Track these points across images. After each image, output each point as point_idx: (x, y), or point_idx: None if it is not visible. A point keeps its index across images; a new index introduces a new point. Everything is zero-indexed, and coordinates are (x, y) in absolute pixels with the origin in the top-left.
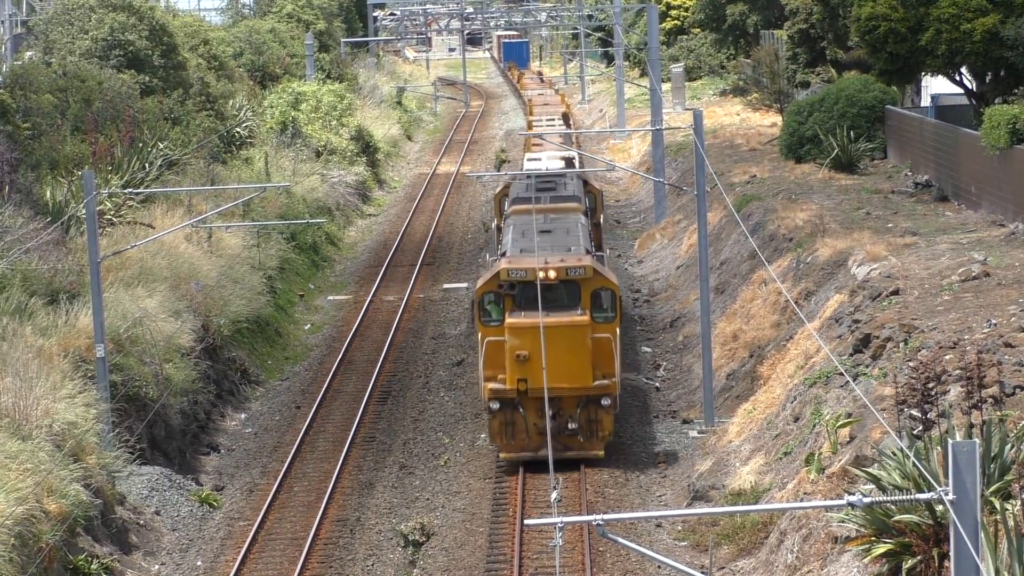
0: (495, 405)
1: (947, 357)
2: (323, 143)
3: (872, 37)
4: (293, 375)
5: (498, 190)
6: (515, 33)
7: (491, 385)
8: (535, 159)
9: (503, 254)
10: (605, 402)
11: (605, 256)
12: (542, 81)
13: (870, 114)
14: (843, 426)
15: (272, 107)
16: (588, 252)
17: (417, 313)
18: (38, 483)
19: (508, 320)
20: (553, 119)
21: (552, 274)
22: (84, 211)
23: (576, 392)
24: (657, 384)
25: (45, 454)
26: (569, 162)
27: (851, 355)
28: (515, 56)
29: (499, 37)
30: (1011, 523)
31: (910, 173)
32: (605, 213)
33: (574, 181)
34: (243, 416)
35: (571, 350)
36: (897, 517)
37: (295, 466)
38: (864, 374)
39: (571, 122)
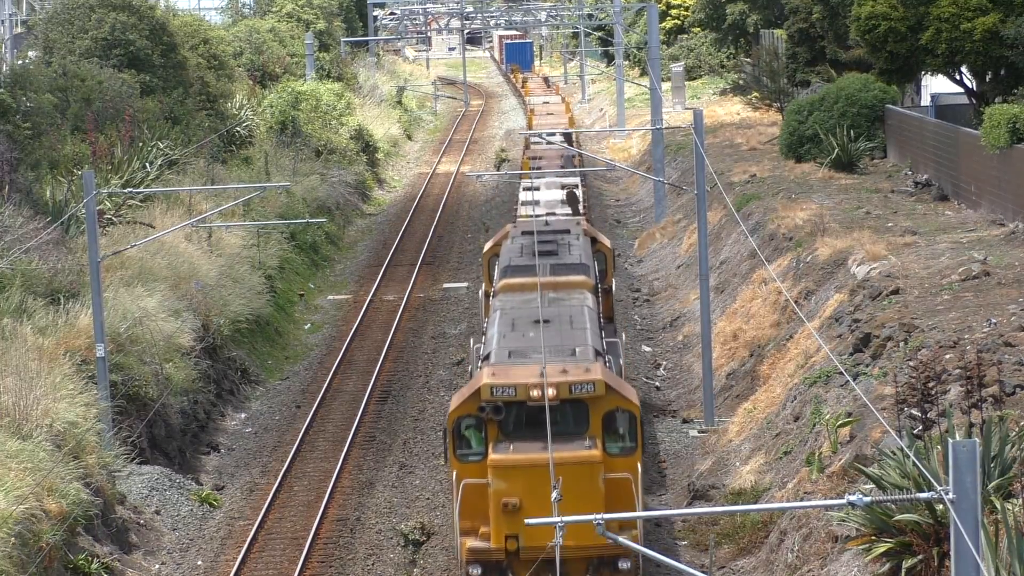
0: (476, 570)
1: (947, 356)
2: (323, 143)
3: (872, 36)
4: (293, 375)
5: (488, 246)
6: (517, 33)
7: (470, 543)
8: (532, 191)
9: (486, 357)
10: (623, 565)
11: (620, 343)
12: (548, 86)
13: (870, 113)
14: (843, 425)
15: (272, 107)
16: (599, 354)
17: (417, 313)
18: (38, 483)
19: (492, 456)
20: (554, 134)
21: (551, 392)
22: (84, 211)
23: (584, 553)
24: (657, 384)
25: (45, 453)
26: (572, 196)
27: (851, 354)
28: (518, 58)
29: (500, 38)
30: (1011, 522)
31: (910, 172)
32: (616, 273)
33: (580, 240)
34: (243, 416)
35: (578, 496)
36: (897, 516)
37: (295, 465)
38: (864, 373)
39: (575, 138)
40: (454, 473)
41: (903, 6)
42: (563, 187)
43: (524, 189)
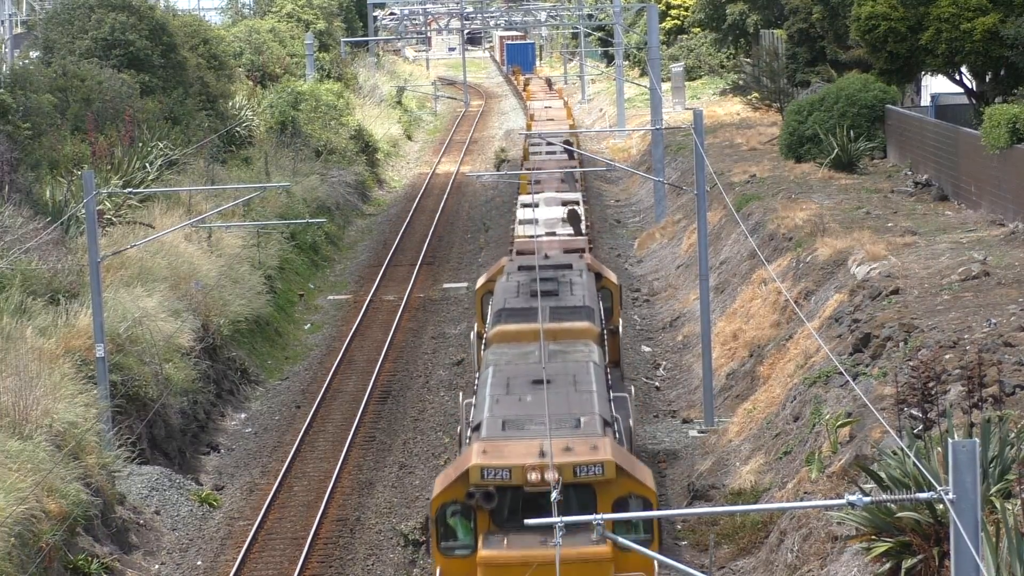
0: None
1: (947, 356)
2: (323, 143)
3: (872, 36)
4: (293, 375)
5: (480, 282)
6: (519, 34)
7: None
8: (531, 207)
9: (476, 427)
10: None
11: (629, 398)
12: (551, 89)
13: (870, 113)
14: (843, 425)
15: (272, 107)
16: (607, 424)
17: (417, 313)
18: (38, 483)
19: (483, 552)
20: (554, 147)
21: (552, 475)
22: (84, 211)
23: None
24: (657, 384)
25: (45, 454)
26: (573, 214)
27: (851, 354)
28: (520, 59)
29: (501, 39)
30: (1011, 522)
31: (910, 172)
32: (623, 306)
33: (583, 277)
34: (243, 416)
35: None
36: (897, 515)
37: (295, 466)
38: (864, 373)
39: (576, 148)
40: (438, 569)
41: (903, 6)
42: (564, 203)
43: (522, 206)
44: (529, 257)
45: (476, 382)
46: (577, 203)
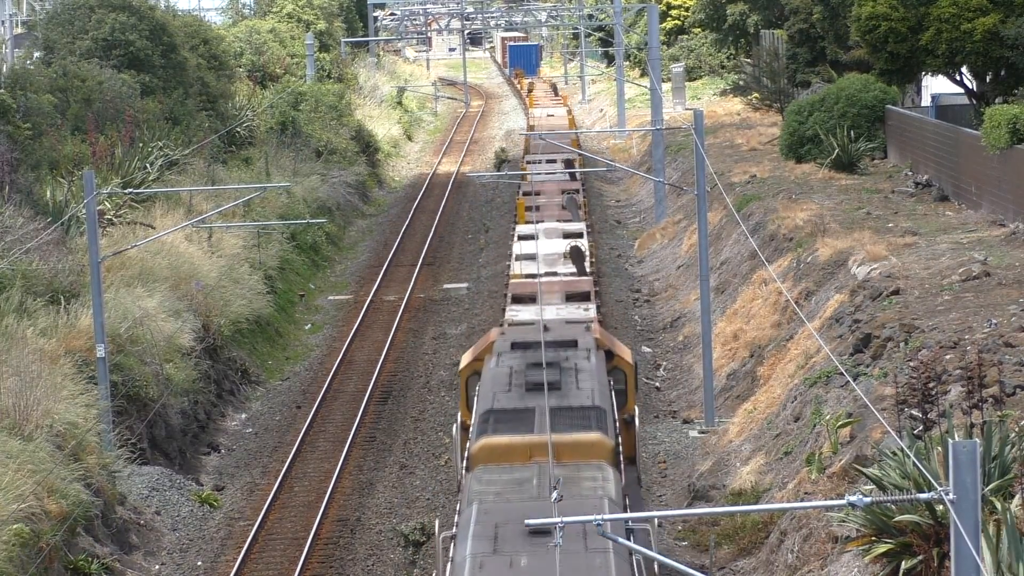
0: None
1: (947, 357)
2: (323, 143)
3: (872, 37)
4: (293, 375)
5: (466, 359)
6: (521, 35)
7: None
8: (528, 239)
9: None
10: None
11: (651, 530)
12: (556, 95)
13: (870, 114)
14: (843, 426)
15: (273, 107)
16: None
17: (417, 313)
18: (38, 483)
19: None
20: (554, 163)
21: None
22: (84, 211)
23: None
24: (657, 384)
25: (45, 454)
26: (577, 252)
27: (851, 355)
28: (523, 61)
29: (503, 40)
30: (1011, 523)
31: (910, 173)
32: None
33: (592, 360)
34: (243, 416)
35: None
36: (897, 517)
37: (295, 466)
38: (864, 374)
39: (578, 167)
40: None
41: (903, 6)
42: (565, 235)
43: (519, 238)
44: (524, 329)
45: (457, 515)
46: (581, 235)
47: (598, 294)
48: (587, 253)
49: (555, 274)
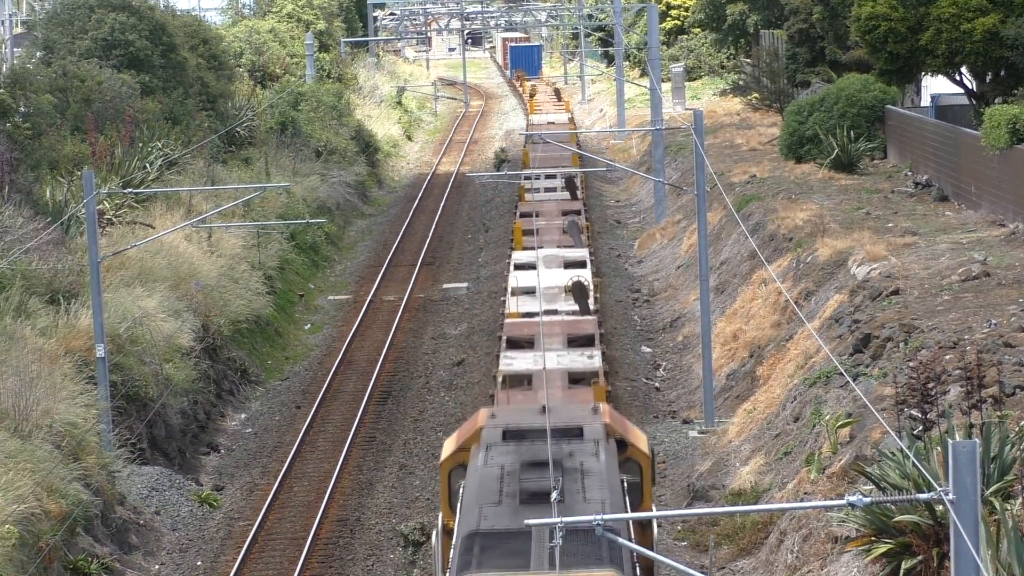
0: None
1: (947, 357)
2: (323, 143)
3: (872, 37)
4: (293, 375)
5: (448, 450)
6: (523, 36)
7: None
8: (525, 268)
9: None
10: None
11: None
12: (559, 100)
13: (870, 114)
14: (843, 426)
15: (272, 107)
16: None
17: (417, 313)
18: (38, 483)
19: None
20: (554, 180)
21: None
22: (84, 211)
23: None
24: (657, 384)
25: (45, 454)
26: (579, 287)
27: (851, 355)
28: (524, 62)
29: (504, 40)
30: (1011, 523)
31: (910, 173)
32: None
33: (601, 456)
34: (243, 416)
35: None
36: (897, 517)
37: (295, 466)
38: (864, 374)
39: (580, 186)
40: None
41: (903, 7)
42: (566, 264)
43: (516, 268)
44: (519, 411)
45: None
46: (583, 264)
47: (604, 337)
48: (590, 288)
49: (555, 311)
